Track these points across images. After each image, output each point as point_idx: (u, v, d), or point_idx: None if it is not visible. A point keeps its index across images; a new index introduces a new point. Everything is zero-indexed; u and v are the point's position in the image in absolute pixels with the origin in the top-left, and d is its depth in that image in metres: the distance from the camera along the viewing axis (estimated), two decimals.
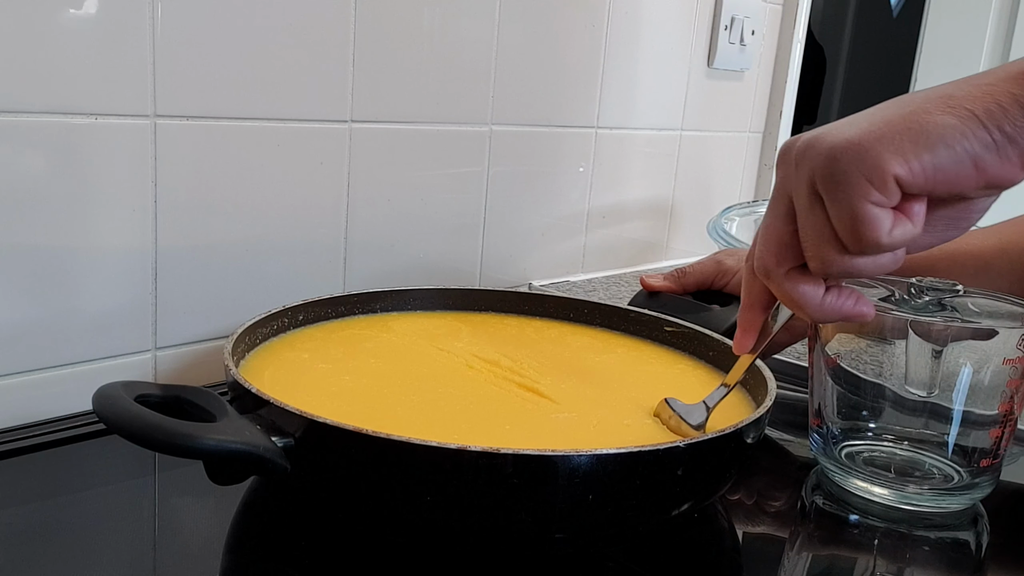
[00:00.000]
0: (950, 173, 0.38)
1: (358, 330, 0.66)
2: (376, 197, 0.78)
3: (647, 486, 0.44)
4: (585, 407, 0.55)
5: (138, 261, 0.64)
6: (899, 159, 0.38)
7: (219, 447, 0.41)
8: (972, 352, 0.51)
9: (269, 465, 0.42)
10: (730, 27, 1.15)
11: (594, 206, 1.04)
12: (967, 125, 0.38)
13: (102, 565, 0.44)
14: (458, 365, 0.60)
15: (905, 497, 0.52)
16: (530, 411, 0.54)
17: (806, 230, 0.42)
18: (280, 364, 0.57)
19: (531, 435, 0.51)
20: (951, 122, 0.38)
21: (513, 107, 0.89)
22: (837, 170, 0.39)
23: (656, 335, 0.68)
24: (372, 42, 0.74)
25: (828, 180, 0.39)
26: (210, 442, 0.40)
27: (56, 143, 0.58)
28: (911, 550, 0.50)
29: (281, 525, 0.48)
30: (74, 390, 0.62)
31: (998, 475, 0.53)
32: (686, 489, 0.46)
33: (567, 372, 0.61)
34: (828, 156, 0.39)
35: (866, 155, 0.38)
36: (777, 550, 0.50)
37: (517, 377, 0.59)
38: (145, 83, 0.61)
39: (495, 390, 0.56)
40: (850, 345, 0.54)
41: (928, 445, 0.54)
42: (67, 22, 0.57)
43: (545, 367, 0.61)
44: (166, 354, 0.67)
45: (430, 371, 0.59)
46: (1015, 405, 0.51)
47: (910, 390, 0.53)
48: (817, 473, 0.57)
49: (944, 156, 0.38)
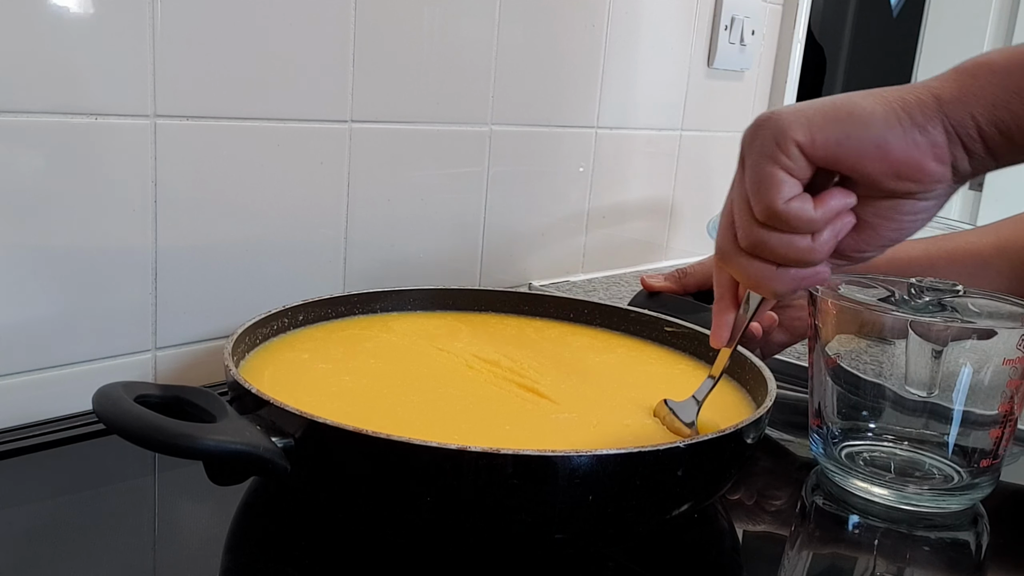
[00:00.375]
0: (851, 149, 0.40)
1: (358, 330, 0.66)
2: (376, 197, 0.78)
3: (647, 486, 0.44)
4: (585, 407, 0.55)
5: (138, 261, 0.64)
6: (805, 129, 0.41)
7: (219, 448, 0.41)
8: (972, 352, 0.51)
9: (269, 465, 0.42)
10: (730, 27, 1.15)
11: (594, 206, 1.03)
12: (884, 110, 0.40)
13: (102, 565, 0.44)
14: (458, 365, 0.60)
15: (905, 497, 0.52)
16: (530, 411, 0.54)
17: (734, 199, 0.44)
18: (280, 364, 0.57)
19: (531, 435, 0.51)
20: (870, 107, 0.41)
21: (513, 107, 0.89)
22: (755, 136, 0.42)
23: (656, 335, 0.68)
24: (372, 42, 0.74)
25: (746, 145, 0.43)
26: (210, 443, 0.40)
27: (56, 143, 0.58)
28: (911, 550, 0.50)
29: (281, 525, 0.48)
30: (74, 390, 0.61)
31: (998, 475, 0.53)
32: (686, 489, 0.46)
33: (567, 372, 0.61)
34: (754, 126, 0.43)
35: (779, 123, 0.41)
36: (777, 550, 0.50)
37: (517, 377, 0.59)
38: (145, 83, 0.61)
39: (495, 390, 0.56)
40: (850, 345, 0.54)
41: (928, 445, 0.54)
42: (67, 22, 0.57)
43: (545, 367, 0.61)
44: (166, 354, 0.67)
45: (430, 371, 0.59)
46: (1015, 405, 0.51)
47: (910, 390, 0.53)
48: (817, 473, 0.57)
49: (849, 132, 0.40)
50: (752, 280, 0.45)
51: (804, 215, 0.41)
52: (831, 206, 0.41)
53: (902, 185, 0.41)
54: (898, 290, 0.55)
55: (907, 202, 0.42)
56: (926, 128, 0.40)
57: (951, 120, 0.40)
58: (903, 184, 0.41)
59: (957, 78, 0.41)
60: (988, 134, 0.40)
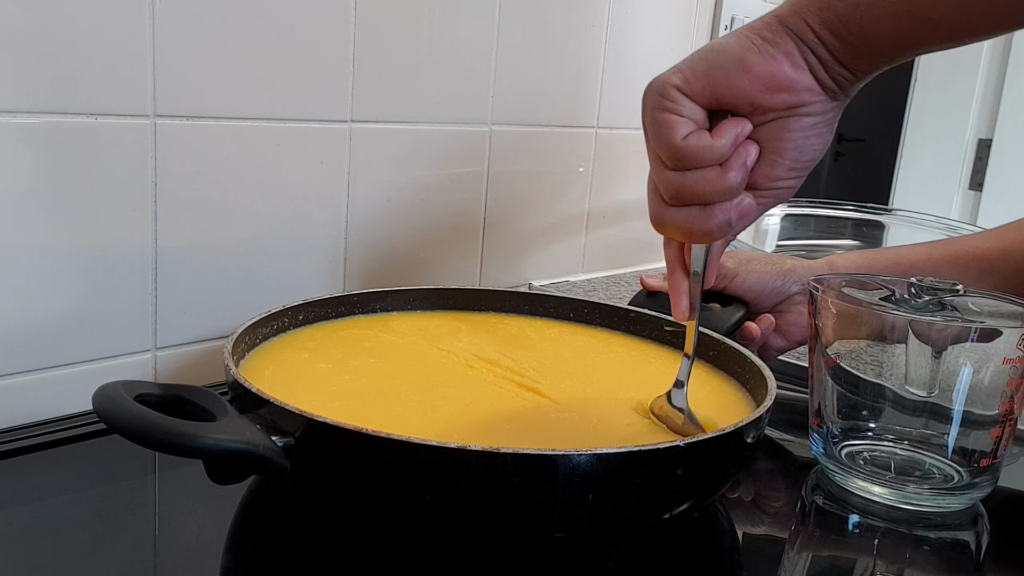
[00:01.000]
0: (720, 76, 0.45)
1: (358, 330, 0.66)
2: (376, 197, 0.78)
3: (647, 485, 0.44)
4: (585, 406, 0.55)
5: (138, 261, 0.64)
6: (679, 74, 0.46)
7: (219, 446, 0.41)
8: (972, 352, 0.51)
9: (269, 464, 0.42)
10: (730, 27, 1.15)
11: (594, 206, 1.04)
12: (738, 38, 0.46)
13: (102, 565, 0.44)
14: (458, 365, 0.60)
15: (905, 497, 0.52)
16: (530, 411, 0.54)
17: (650, 164, 0.48)
18: (280, 364, 0.57)
19: (531, 434, 0.51)
20: (727, 40, 0.46)
21: (513, 107, 0.89)
22: (644, 99, 0.47)
23: (656, 335, 0.68)
24: (372, 42, 0.74)
25: (642, 112, 0.47)
26: (210, 442, 0.40)
27: (56, 143, 0.58)
28: (911, 550, 0.50)
29: (281, 525, 0.48)
30: (74, 390, 0.62)
31: (998, 475, 0.53)
32: (686, 488, 0.46)
33: (567, 372, 0.61)
34: (643, 93, 0.48)
35: (659, 79, 0.47)
36: (777, 550, 0.50)
37: (517, 377, 0.59)
38: (145, 83, 0.61)
39: (495, 390, 0.56)
40: (850, 345, 0.54)
41: (928, 445, 0.54)
42: (67, 22, 0.57)
43: (545, 367, 0.61)
44: (166, 354, 0.67)
45: (430, 371, 0.59)
46: (1015, 405, 0.51)
47: (910, 390, 0.53)
48: (817, 473, 0.57)
49: (714, 62, 0.45)
50: (686, 228, 0.47)
51: (703, 144, 0.45)
52: (726, 131, 0.45)
53: (777, 97, 0.45)
54: (898, 290, 0.55)
55: (793, 119, 0.46)
56: (775, 41, 0.45)
57: (792, 30, 0.45)
58: (778, 96, 0.45)
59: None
60: (823, 36, 0.44)
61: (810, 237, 1.18)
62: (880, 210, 1.19)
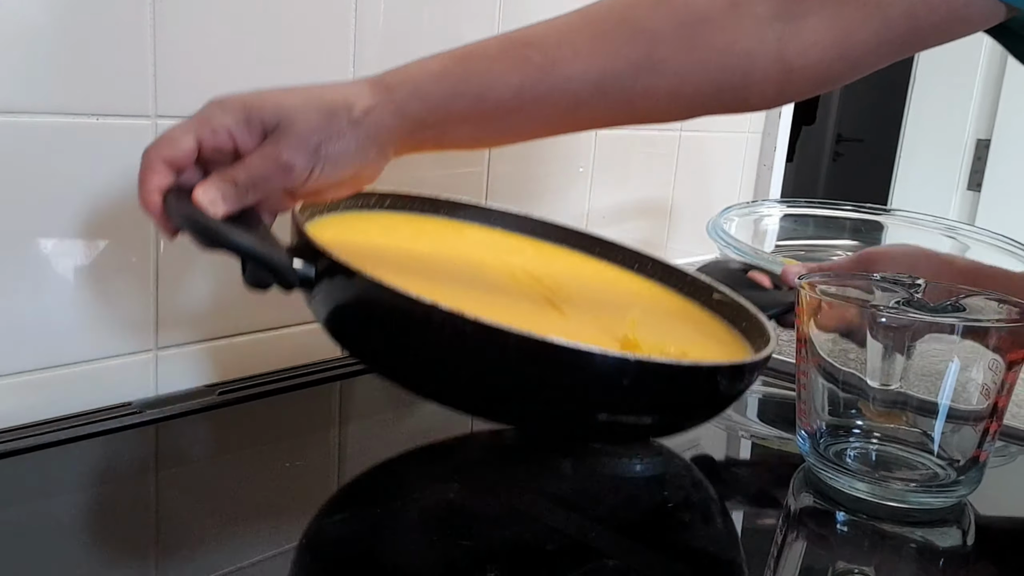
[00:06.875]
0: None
1: (432, 227, 0.68)
2: None
3: (579, 386, 0.48)
4: (586, 333, 0.56)
5: (138, 261, 0.64)
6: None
7: (241, 246, 0.47)
8: (958, 349, 0.51)
9: (279, 276, 0.49)
10: None
11: (594, 206, 1.04)
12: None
13: (102, 565, 0.44)
14: (504, 271, 0.62)
15: (891, 494, 0.52)
16: (536, 315, 0.56)
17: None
18: (346, 227, 0.60)
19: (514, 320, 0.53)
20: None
21: None
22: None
23: (704, 299, 0.69)
24: (372, 42, 0.75)
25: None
26: (240, 241, 0.47)
27: (56, 143, 0.58)
28: (898, 547, 0.50)
29: (280, 525, 0.48)
30: (74, 390, 0.62)
31: (983, 472, 0.53)
32: (628, 403, 0.50)
33: (598, 307, 0.62)
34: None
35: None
36: (765, 547, 0.50)
37: (550, 294, 0.60)
38: (145, 83, 0.61)
39: (520, 294, 0.59)
40: (838, 344, 0.54)
41: (914, 442, 0.54)
42: (67, 22, 0.57)
43: (582, 297, 0.63)
44: (166, 354, 0.67)
45: (474, 269, 0.61)
46: (1000, 402, 0.51)
47: (890, 385, 0.54)
48: (805, 471, 0.57)
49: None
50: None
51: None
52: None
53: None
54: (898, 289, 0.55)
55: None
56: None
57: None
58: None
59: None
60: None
61: (809, 237, 1.18)
62: (879, 210, 1.19)
